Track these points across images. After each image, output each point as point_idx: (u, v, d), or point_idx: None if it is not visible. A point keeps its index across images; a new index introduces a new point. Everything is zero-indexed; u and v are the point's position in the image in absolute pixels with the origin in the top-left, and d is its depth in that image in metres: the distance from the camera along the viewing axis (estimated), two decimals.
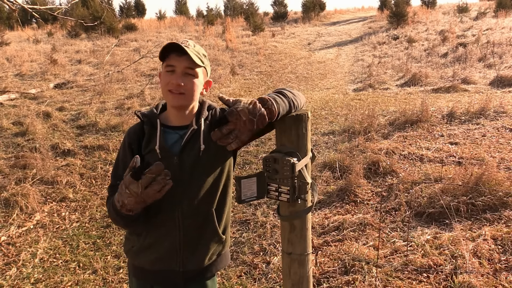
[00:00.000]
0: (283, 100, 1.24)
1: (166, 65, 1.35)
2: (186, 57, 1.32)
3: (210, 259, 1.45)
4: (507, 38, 11.02)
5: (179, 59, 1.33)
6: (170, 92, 1.34)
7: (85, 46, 14.33)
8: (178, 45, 1.31)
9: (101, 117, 6.47)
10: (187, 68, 1.34)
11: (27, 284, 2.79)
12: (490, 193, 3.30)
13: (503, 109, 5.67)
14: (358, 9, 30.39)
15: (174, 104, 1.37)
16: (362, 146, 4.75)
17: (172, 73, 1.34)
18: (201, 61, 1.36)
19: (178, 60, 1.33)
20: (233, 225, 3.44)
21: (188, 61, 1.32)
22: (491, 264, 2.61)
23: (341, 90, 8.35)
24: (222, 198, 1.45)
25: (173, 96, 1.35)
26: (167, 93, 1.36)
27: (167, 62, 1.35)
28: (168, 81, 1.34)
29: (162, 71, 1.38)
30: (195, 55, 1.33)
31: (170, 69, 1.34)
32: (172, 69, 1.34)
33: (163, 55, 1.35)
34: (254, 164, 4.70)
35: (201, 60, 1.36)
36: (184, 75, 1.34)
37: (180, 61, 1.33)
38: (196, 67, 1.35)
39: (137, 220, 1.32)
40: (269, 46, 14.21)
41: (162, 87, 1.38)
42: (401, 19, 15.98)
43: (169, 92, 1.35)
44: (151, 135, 1.39)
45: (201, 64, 1.36)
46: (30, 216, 3.72)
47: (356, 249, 2.85)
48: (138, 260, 1.45)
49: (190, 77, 1.35)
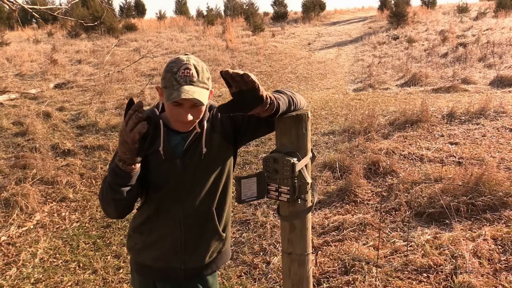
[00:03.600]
0: (281, 96, 1.23)
1: (173, 103, 1.27)
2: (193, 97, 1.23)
3: (211, 257, 1.47)
4: (507, 38, 11.01)
5: (186, 99, 1.24)
6: (178, 123, 1.32)
7: (85, 46, 14.33)
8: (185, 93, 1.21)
9: (101, 117, 6.47)
10: (195, 104, 1.28)
11: (27, 284, 2.79)
12: (490, 193, 3.30)
13: (503, 109, 5.67)
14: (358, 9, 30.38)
15: (183, 131, 1.35)
16: (362, 146, 4.75)
17: (179, 107, 1.27)
18: (206, 89, 1.29)
19: (185, 99, 1.24)
20: (233, 225, 3.44)
21: (195, 100, 1.25)
22: (491, 264, 2.61)
23: (341, 90, 8.35)
24: (223, 197, 1.46)
25: (182, 126, 1.33)
26: (175, 123, 1.33)
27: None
28: (175, 117, 1.29)
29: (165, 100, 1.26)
30: (201, 88, 1.26)
31: (177, 104, 1.27)
32: (179, 105, 1.27)
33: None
34: (254, 164, 4.70)
35: (206, 88, 1.30)
36: (191, 108, 1.28)
37: (188, 100, 1.26)
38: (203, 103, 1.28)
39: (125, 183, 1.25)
40: (269, 46, 14.20)
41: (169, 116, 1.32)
42: (401, 19, 15.97)
43: (177, 122, 1.32)
44: (154, 135, 1.38)
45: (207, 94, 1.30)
46: (30, 216, 3.72)
47: (356, 249, 2.85)
48: (140, 257, 1.48)
49: (197, 107, 1.29)
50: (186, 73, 1.24)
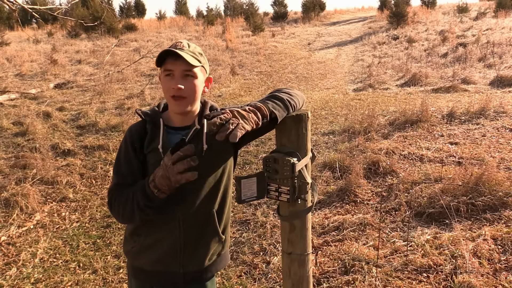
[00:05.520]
0: (278, 103, 1.26)
1: (164, 70, 1.35)
2: (181, 60, 1.31)
3: (210, 260, 1.45)
4: (507, 38, 11.02)
5: (175, 63, 1.32)
6: (172, 99, 1.34)
7: (85, 46, 14.33)
8: (172, 50, 1.31)
9: (101, 117, 6.47)
10: (185, 71, 1.33)
11: (27, 284, 2.79)
12: (490, 193, 3.30)
13: (503, 109, 5.67)
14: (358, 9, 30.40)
15: (178, 111, 1.37)
16: (362, 146, 4.75)
17: (171, 78, 1.34)
18: (197, 60, 1.35)
19: (174, 64, 1.32)
20: (233, 225, 3.44)
21: (184, 64, 1.32)
22: (491, 264, 2.61)
23: (341, 90, 8.35)
24: (223, 199, 1.45)
25: (176, 103, 1.34)
26: (170, 99, 1.35)
27: (164, 67, 1.35)
28: (168, 86, 1.34)
29: (161, 77, 1.38)
30: (190, 56, 1.33)
31: (168, 73, 1.34)
32: (170, 73, 1.34)
33: (160, 62, 1.35)
34: (254, 164, 4.70)
35: (197, 59, 1.35)
36: (183, 77, 1.33)
37: (177, 65, 1.32)
38: (193, 67, 1.34)
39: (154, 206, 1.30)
40: (269, 46, 14.21)
41: (164, 93, 1.38)
42: (401, 19, 15.98)
43: (171, 98, 1.34)
44: (153, 134, 1.38)
45: (198, 63, 1.35)
46: (30, 216, 3.72)
47: (356, 249, 2.85)
48: (138, 261, 1.44)
49: (190, 79, 1.34)
50: (178, 43, 1.36)
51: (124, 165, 1.40)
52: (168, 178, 1.21)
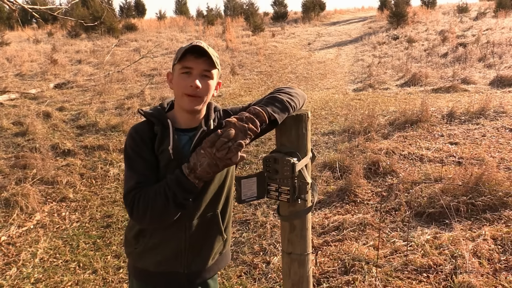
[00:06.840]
0: (277, 105, 1.25)
1: (182, 67, 1.30)
2: (204, 58, 1.28)
3: (213, 259, 1.46)
4: (507, 38, 11.01)
5: (197, 61, 1.29)
6: (186, 96, 1.31)
7: (85, 46, 14.33)
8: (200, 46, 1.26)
9: (101, 117, 6.47)
10: (205, 70, 1.31)
11: (27, 284, 2.79)
12: (490, 193, 3.30)
13: (503, 109, 5.67)
14: (358, 9, 30.39)
15: (190, 108, 1.33)
16: (362, 146, 4.75)
17: (188, 76, 1.30)
18: (217, 63, 1.34)
19: (196, 62, 1.29)
20: (233, 225, 3.44)
21: (206, 63, 1.29)
22: (491, 264, 2.61)
23: (341, 90, 8.35)
24: (226, 199, 1.46)
25: (189, 100, 1.31)
26: (183, 96, 1.32)
27: (183, 63, 1.30)
28: (185, 84, 1.30)
29: (176, 73, 1.33)
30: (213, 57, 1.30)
31: (187, 70, 1.30)
32: (188, 71, 1.30)
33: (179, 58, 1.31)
34: (254, 164, 4.70)
35: (216, 62, 1.34)
36: (201, 77, 1.31)
37: (198, 63, 1.29)
38: (213, 68, 1.32)
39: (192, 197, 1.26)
40: (269, 46, 14.21)
41: (176, 90, 1.33)
42: (401, 19, 15.98)
43: (185, 95, 1.31)
44: (163, 135, 1.34)
45: (218, 66, 1.34)
46: (30, 216, 3.72)
47: (356, 249, 2.85)
48: (141, 262, 1.43)
49: (206, 79, 1.32)
50: (197, 43, 1.30)
51: (141, 162, 1.32)
52: (217, 165, 1.18)
